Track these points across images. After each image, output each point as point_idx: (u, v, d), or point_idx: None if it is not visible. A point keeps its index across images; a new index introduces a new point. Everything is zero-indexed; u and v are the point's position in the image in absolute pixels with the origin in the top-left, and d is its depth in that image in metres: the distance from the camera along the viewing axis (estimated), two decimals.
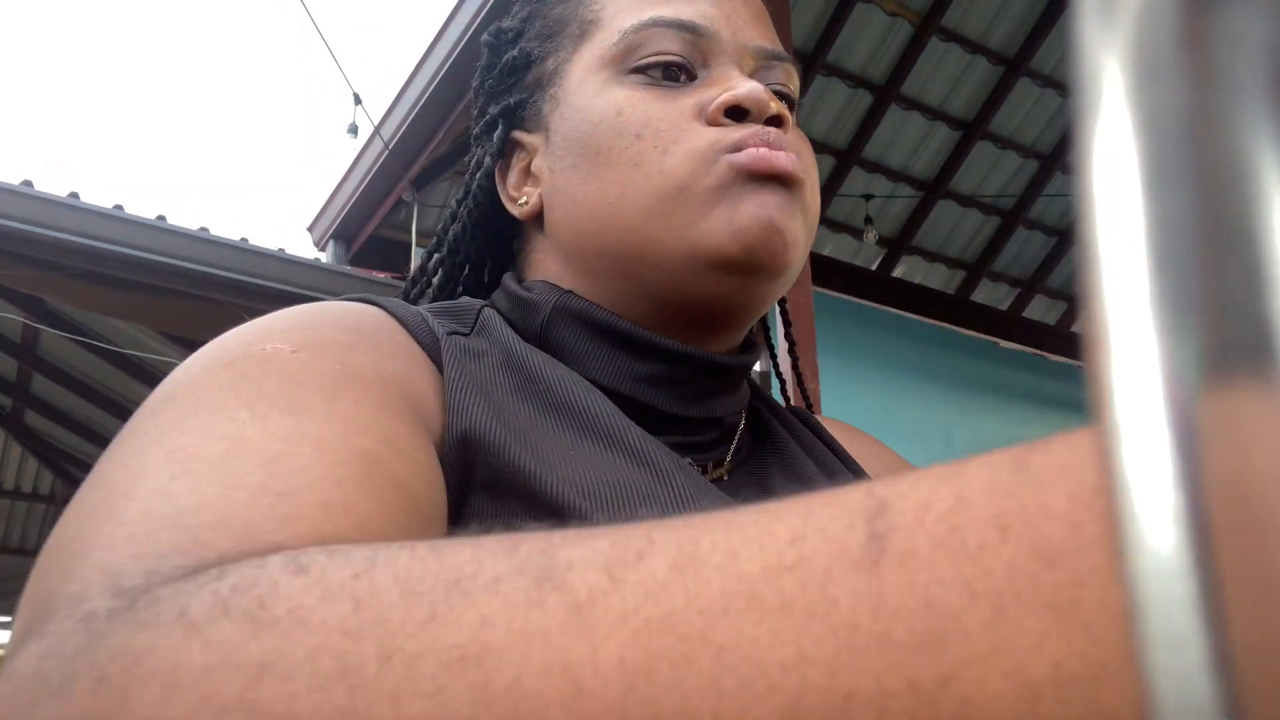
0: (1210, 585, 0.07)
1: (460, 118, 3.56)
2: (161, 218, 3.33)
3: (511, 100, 0.59)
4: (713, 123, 0.50)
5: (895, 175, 4.18)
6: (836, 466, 0.57)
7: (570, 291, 0.52)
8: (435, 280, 0.62)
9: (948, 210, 4.36)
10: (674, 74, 0.52)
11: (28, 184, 3.11)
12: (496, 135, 0.58)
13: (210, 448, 0.31)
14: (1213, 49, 0.07)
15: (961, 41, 3.79)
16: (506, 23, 0.62)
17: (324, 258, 4.44)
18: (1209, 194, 0.07)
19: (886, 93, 3.87)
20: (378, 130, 3.82)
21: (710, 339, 0.53)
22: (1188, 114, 0.07)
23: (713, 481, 0.51)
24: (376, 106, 5.61)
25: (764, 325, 0.73)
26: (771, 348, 0.74)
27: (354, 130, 3.86)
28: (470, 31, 3.13)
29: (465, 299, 0.55)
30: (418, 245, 4.04)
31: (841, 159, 4.05)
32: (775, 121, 0.51)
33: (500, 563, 0.19)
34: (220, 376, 0.36)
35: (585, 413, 0.45)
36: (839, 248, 4.34)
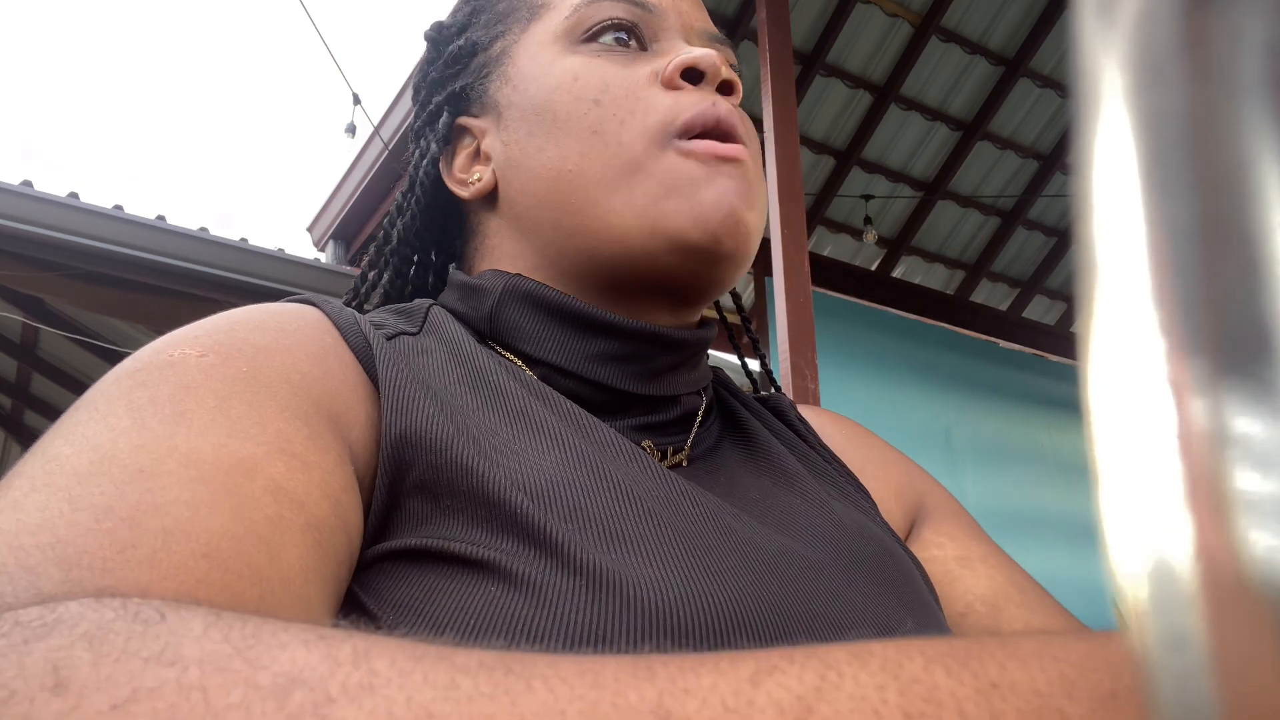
0: (1210, 585, 0.07)
1: None
2: (161, 218, 3.33)
3: (456, 86, 0.59)
4: (669, 85, 0.51)
5: (895, 175, 4.18)
6: (810, 456, 0.57)
7: (518, 274, 0.53)
8: (385, 276, 0.61)
9: (947, 210, 4.36)
10: (625, 40, 0.53)
11: (28, 184, 3.11)
12: (441, 122, 0.58)
13: (79, 459, 0.31)
14: (1213, 49, 0.07)
15: (961, 42, 3.79)
16: (449, 18, 0.63)
17: (323, 258, 4.44)
18: (1209, 194, 0.07)
19: (886, 93, 3.87)
20: (377, 130, 3.82)
21: (666, 316, 0.53)
22: (1188, 114, 0.07)
23: (672, 468, 0.50)
24: (376, 106, 5.61)
25: (750, 321, 0.73)
26: (754, 343, 0.74)
27: (352, 130, 3.86)
28: None
29: (416, 300, 0.55)
30: None
31: (841, 159, 4.05)
32: (727, 88, 0.53)
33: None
34: (123, 384, 0.36)
35: (529, 409, 0.45)
36: (839, 248, 4.34)
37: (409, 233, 0.61)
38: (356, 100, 3.75)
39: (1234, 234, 0.07)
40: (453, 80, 0.60)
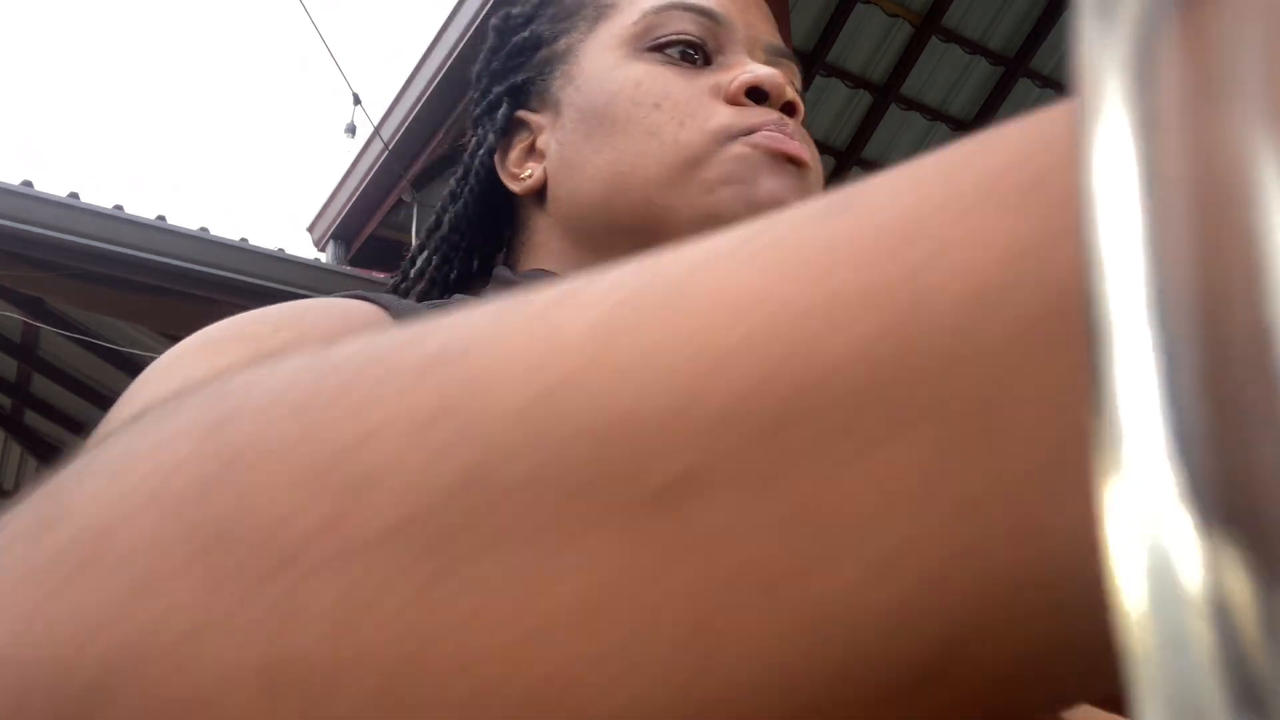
0: (1215, 577, 0.07)
1: (460, 118, 3.55)
2: (161, 218, 3.33)
3: (518, 79, 0.59)
4: (732, 101, 0.51)
5: None
6: None
7: (561, 276, 0.52)
8: (434, 262, 0.62)
9: None
10: (691, 55, 0.53)
11: (28, 184, 3.11)
12: (500, 114, 0.58)
13: None
14: (1213, 49, 0.07)
15: (961, 42, 3.79)
16: (515, 9, 0.63)
17: (324, 258, 4.44)
18: (1209, 195, 0.07)
19: (886, 93, 3.87)
20: (378, 130, 3.82)
21: None
22: (1188, 114, 0.07)
23: None
24: (376, 106, 5.62)
25: None
26: None
27: (352, 130, 3.87)
28: (470, 31, 3.13)
29: (458, 296, 0.55)
30: None
31: (841, 159, 4.05)
32: (789, 109, 0.53)
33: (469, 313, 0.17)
34: (194, 354, 0.36)
35: None
36: None
37: (460, 220, 0.61)
38: (357, 100, 3.75)
39: (1234, 234, 0.07)
40: (515, 72, 0.60)
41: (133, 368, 4.62)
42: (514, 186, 0.57)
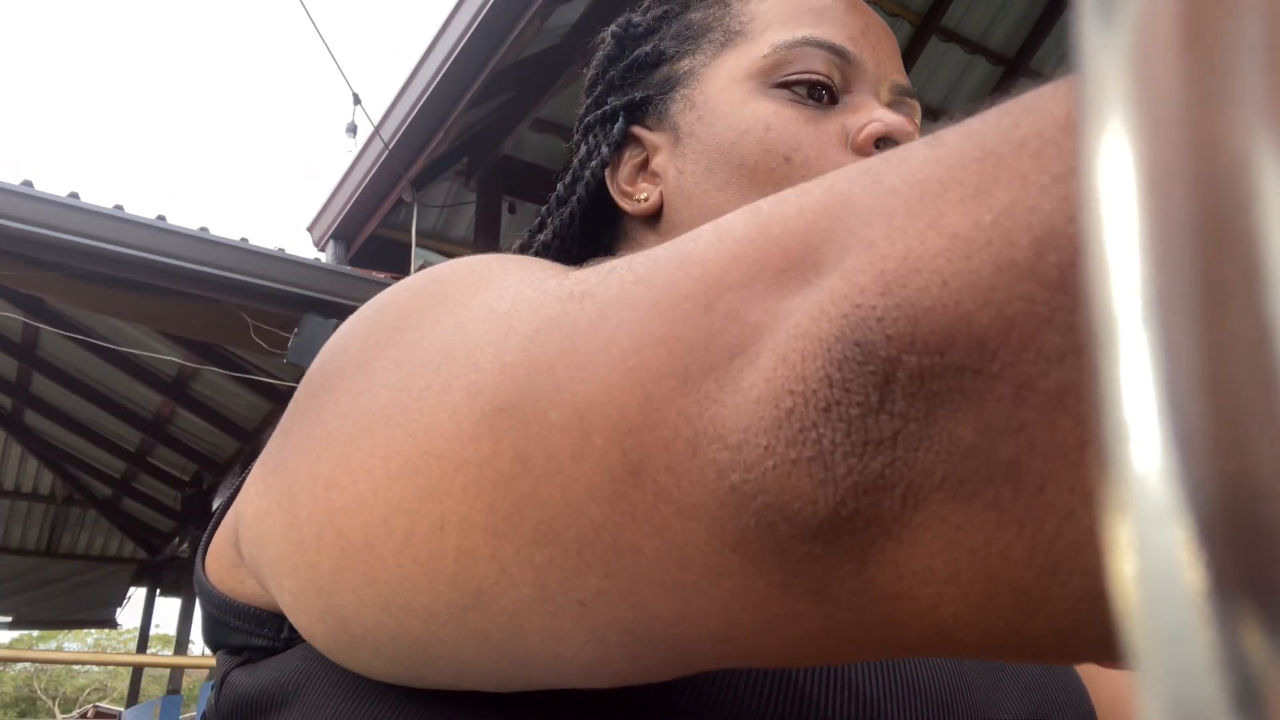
0: (1216, 582, 0.07)
1: (460, 118, 3.55)
2: (161, 218, 3.33)
3: (636, 95, 0.58)
4: (860, 151, 0.50)
5: None
6: None
7: None
8: None
9: None
10: (818, 94, 0.52)
11: (28, 184, 3.11)
12: (616, 128, 0.57)
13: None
14: (1213, 49, 0.07)
15: (961, 41, 3.79)
16: (638, 17, 0.61)
17: (324, 258, 4.44)
18: (1209, 194, 0.07)
19: None
20: (377, 130, 3.82)
21: None
22: (1188, 114, 0.07)
23: None
24: (376, 106, 5.61)
25: None
26: None
27: (352, 130, 3.87)
28: (470, 31, 3.13)
29: None
30: (417, 245, 4.03)
31: None
32: None
33: None
34: (386, 325, 0.33)
35: None
36: None
37: (565, 230, 0.59)
38: (357, 100, 3.75)
39: (1234, 234, 0.07)
40: (633, 87, 0.59)
41: (133, 368, 4.64)
42: (626, 205, 0.56)
